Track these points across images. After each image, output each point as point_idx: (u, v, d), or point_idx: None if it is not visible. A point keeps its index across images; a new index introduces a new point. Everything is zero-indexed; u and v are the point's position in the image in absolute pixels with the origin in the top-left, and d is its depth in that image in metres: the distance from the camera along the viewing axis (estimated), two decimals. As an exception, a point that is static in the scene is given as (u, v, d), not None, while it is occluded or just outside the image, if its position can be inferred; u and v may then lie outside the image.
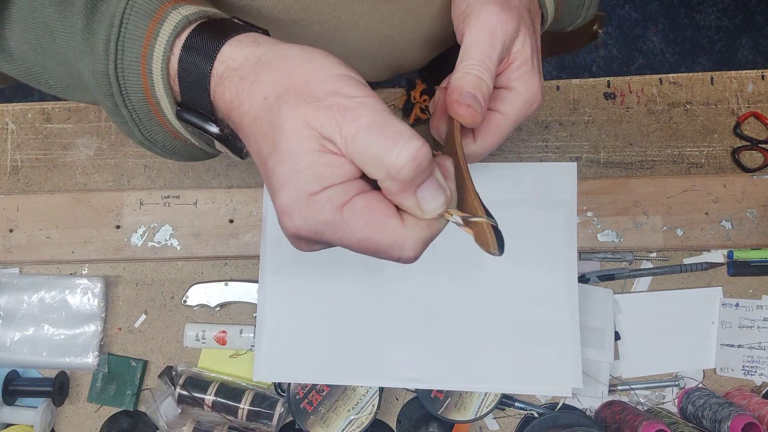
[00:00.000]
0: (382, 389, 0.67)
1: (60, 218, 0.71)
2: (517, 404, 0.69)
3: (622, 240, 0.69)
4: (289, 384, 0.67)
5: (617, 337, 0.70)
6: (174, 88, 0.37)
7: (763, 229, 0.69)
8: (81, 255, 0.71)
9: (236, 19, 0.38)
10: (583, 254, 0.71)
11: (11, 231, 0.71)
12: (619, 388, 0.70)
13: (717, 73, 0.73)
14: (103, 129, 0.75)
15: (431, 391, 0.67)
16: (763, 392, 0.68)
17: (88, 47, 0.37)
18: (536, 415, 0.69)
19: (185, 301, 0.71)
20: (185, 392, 0.68)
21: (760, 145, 0.71)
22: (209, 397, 0.67)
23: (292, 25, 0.54)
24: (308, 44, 0.58)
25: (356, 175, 0.32)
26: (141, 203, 0.71)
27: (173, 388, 0.68)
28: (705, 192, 0.69)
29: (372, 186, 0.33)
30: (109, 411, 0.71)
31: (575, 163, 0.68)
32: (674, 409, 0.69)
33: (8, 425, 0.70)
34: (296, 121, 0.31)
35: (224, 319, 0.72)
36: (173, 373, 0.70)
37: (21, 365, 0.72)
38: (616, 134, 0.72)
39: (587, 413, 0.69)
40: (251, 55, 0.34)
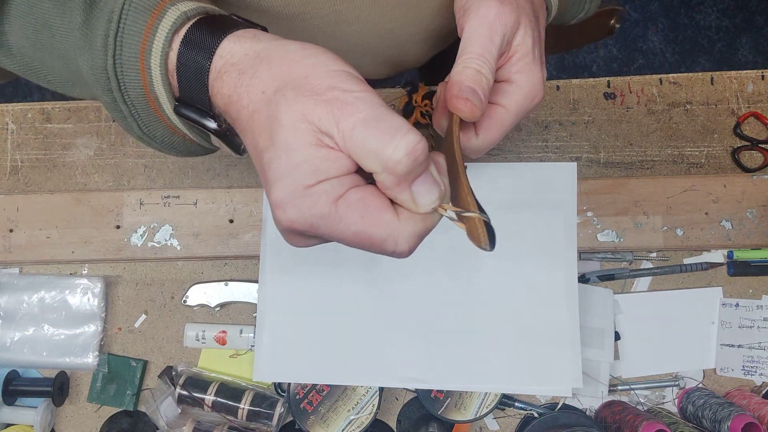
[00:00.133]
0: (382, 389, 0.67)
1: (60, 218, 0.71)
2: (517, 404, 0.69)
3: (622, 240, 0.69)
4: (289, 384, 0.67)
5: (617, 337, 0.70)
6: (172, 83, 0.37)
7: (763, 229, 0.69)
8: (81, 255, 0.71)
9: (235, 16, 0.38)
10: (583, 254, 0.71)
11: (11, 231, 0.71)
12: (619, 388, 0.70)
13: (717, 73, 0.73)
14: (103, 129, 0.75)
15: (431, 391, 0.67)
16: (763, 392, 0.68)
17: (87, 42, 0.37)
18: (536, 415, 0.69)
19: (185, 301, 0.71)
20: (185, 392, 0.68)
21: (760, 145, 0.71)
22: (209, 397, 0.67)
23: (293, 18, 0.54)
24: (309, 38, 0.58)
25: (352, 169, 0.32)
26: (141, 203, 0.71)
27: (173, 388, 0.68)
28: (705, 192, 0.69)
29: (367, 180, 0.33)
30: (109, 411, 0.71)
31: (575, 163, 0.68)
32: (674, 409, 0.69)
33: (8, 425, 0.70)
34: (294, 115, 0.31)
35: (224, 319, 0.72)
36: (173, 373, 0.70)
37: (21, 365, 0.72)
38: (616, 134, 0.72)
39: (587, 413, 0.69)
40: (250, 50, 0.34)
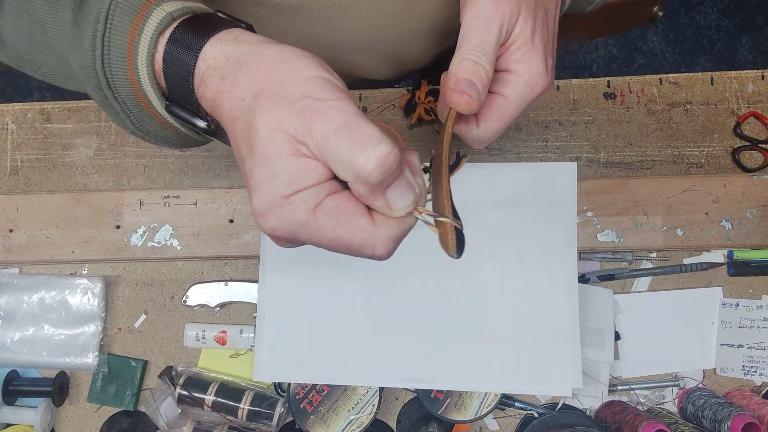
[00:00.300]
0: (382, 389, 0.67)
1: (60, 218, 0.71)
2: (517, 404, 0.69)
3: (622, 240, 0.69)
4: (289, 384, 0.67)
5: (617, 337, 0.70)
6: (160, 83, 0.37)
7: (763, 229, 0.69)
8: (81, 255, 0.71)
9: (220, 13, 0.38)
10: (583, 254, 0.71)
11: (11, 231, 0.71)
12: (619, 388, 0.70)
13: (717, 73, 0.73)
14: (103, 129, 0.75)
15: (431, 391, 0.67)
16: (763, 392, 0.68)
17: (77, 41, 0.37)
18: (536, 415, 0.69)
19: (185, 301, 0.71)
20: (185, 392, 0.68)
21: (760, 145, 0.71)
22: (209, 397, 0.67)
23: (293, 11, 0.54)
24: (309, 32, 0.58)
25: (329, 176, 0.32)
26: (141, 203, 0.71)
27: (173, 388, 0.68)
28: (705, 192, 0.69)
29: (344, 185, 0.33)
30: (109, 411, 0.71)
31: (575, 163, 0.68)
32: (674, 409, 0.69)
33: (8, 425, 0.70)
34: (270, 125, 0.32)
35: (224, 319, 0.72)
36: (173, 373, 0.70)
37: (21, 365, 0.72)
38: (616, 134, 0.72)
39: (587, 413, 0.69)
40: (231, 54, 0.34)
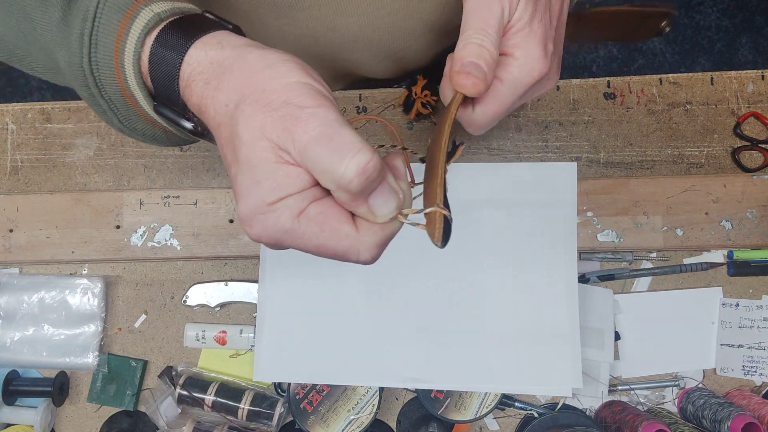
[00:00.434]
0: (382, 389, 0.67)
1: (60, 218, 0.71)
2: (517, 404, 0.69)
3: (622, 240, 0.69)
4: (289, 384, 0.67)
5: (617, 337, 0.70)
6: (147, 83, 0.37)
7: (763, 229, 0.69)
8: (81, 255, 0.71)
9: (208, 14, 0.38)
10: (583, 254, 0.71)
11: (11, 231, 0.71)
12: (619, 388, 0.70)
13: (717, 73, 0.73)
14: (103, 129, 0.75)
15: (431, 391, 0.67)
16: (763, 392, 0.68)
17: (64, 39, 0.37)
18: (536, 415, 0.69)
19: (185, 301, 0.71)
20: (185, 392, 0.68)
21: (760, 145, 0.71)
22: (209, 397, 0.67)
23: (290, 8, 0.54)
24: (308, 30, 0.58)
25: (313, 183, 0.32)
26: (141, 203, 0.71)
27: (173, 388, 0.68)
28: (705, 192, 0.69)
29: (328, 191, 0.33)
30: (109, 411, 0.71)
31: (575, 163, 0.68)
32: (674, 409, 0.69)
33: (8, 425, 0.70)
34: (253, 132, 0.31)
35: (224, 319, 0.72)
36: (173, 373, 0.70)
37: (21, 365, 0.72)
38: (616, 134, 0.72)
39: (587, 413, 0.69)
40: (214, 59, 0.34)
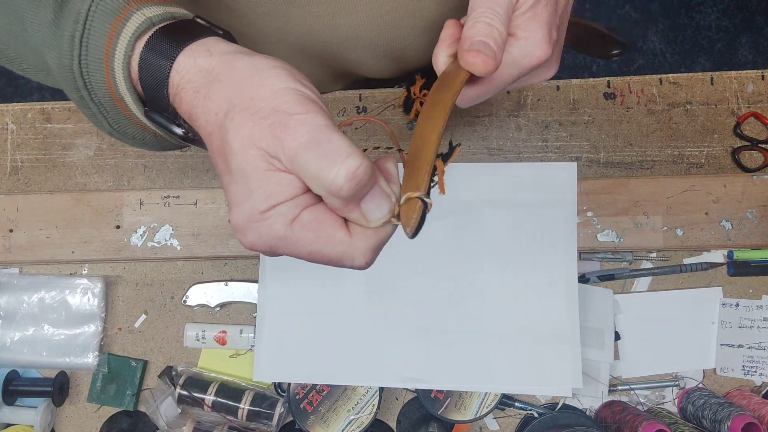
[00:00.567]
0: (382, 389, 0.67)
1: (60, 218, 0.71)
2: (517, 404, 0.69)
3: (622, 240, 0.69)
4: (289, 384, 0.67)
5: (617, 337, 0.70)
6: (137, 88, 0.37)
7: (763, 229, 0.69)
8: (81, 255, 0.71)
9: (199, 19, 0.38)
10: (583, 254, 0.71)
11: (11, 231, 0.71)
12: (619, 388, 0.70)
13: (717, 73, 0.73)
14: (103, 129, 0.75)
15: (431, 391, 0.67)
16: (763, 392, 0.68)
17: (55, 41, 0.37)
18: (536, 415, 0.69)
19: (185, 301, 0.71)
20: (185, 392, 0.68)
21: (760, 145, 0.71)
22: (209, 397, 0.67)
23: (289, 5, 0.54)
24: (307, 28, 0.58)
25: (305, 189, 0.32)
26: (141, 203, 0.71)
27: (173, 388, 0.68)
28: (705, 192, 0.69)
29: (320, 198, 0.33)
30: (109, 411, 0.71)
31: (575, 163, 0.68)
32: (674, 409, 0.69)
33: (8, 425, 0.70)
34: (243, 141, 0.31)
35: (224, 319, 0.72)
36: (173, 373, 0.70)
37: (21, 365, 0.72)
38: (616, 134, 0.72)
39: (587, 413, 0.69)
40: (203, 66, 0.34)
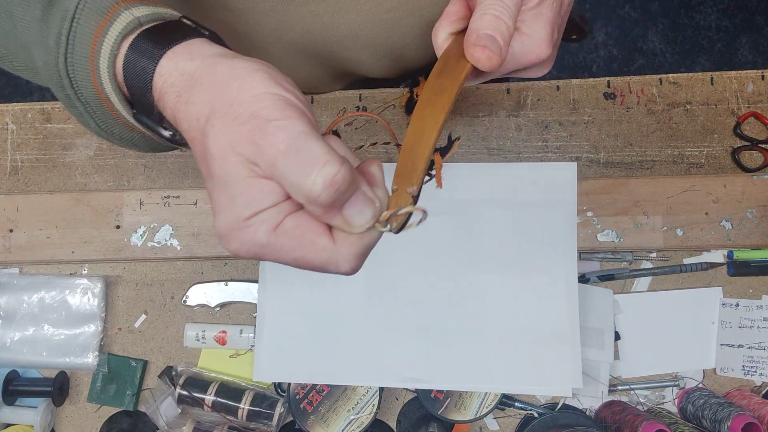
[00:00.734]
0: (382, 389, 0.67)
1: (60, 218, 0.71)
2: (517, 404, 0.69)
3: (622, 240, 0.69)
4: (289, 384, 0.67)
5: (617, 337, 0.70)
6: (123, 89, 0.36)
7: (763, 229, 0.69)
8: (81, 255, 0.71)
9: (186, 20, 0.37)
10: (583, 254, 0.71)
11: (11, 231, 0.71)
12: (619, 388, 0.70)
13: (717, 73, 0.73)
14: (103, 129, 0.75)
15: (431, 391, 0.67)
16: (763, 392, 0.68)
17: (42, 38, 0.36)
18: (536, 415, 0.69)
19: (185, 301, 0.71)
20: (185, 392, 0.68)
21: (760, 145, 0.71)
22: (209, 397, 0.67)
23: (287, 4, 0.54)
24: (306, 27, 0.58)
25: (287, 195, 0.32)
26: (141, 203, 0.71)
27: (173, 388, 0.68)
28: (705, 192, 0.69)
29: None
30: (109, 411, 0.71)
31: (575, 163, 0.68)
32: (674, 409, 0.69)
33: (8, 425, 0.70)
34: (223, 148, 0.31)
35: (224, 319, 0.72)
36: (173, 373, 0.70)
37: (21, 365, 0.72)
38: (616, 134, 0.72)
39: (587, 413, 0.69)
40: (185, 70, 0.34)
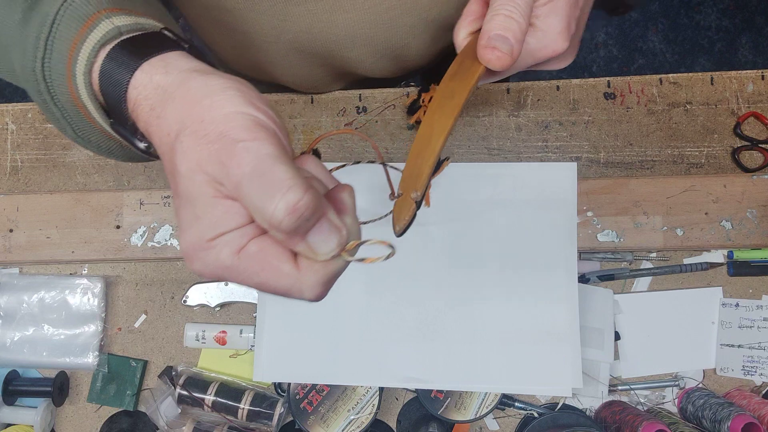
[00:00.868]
0: (382, 389, 0.67)
1: (60, 218, 0.71)
2: (517, 404, 0.69)
3: (622, 240, 0.69)
4: (289, 384, 0.67)
5: (617, 337, 0.70)
6: (99, 98, 0.36)
7: (763, 229, 0.69)
8: (81, 255, 0.71)
9: (167, 31, 0.37)
10: (583, 254, 0.71)
11: (11, 231, 0.71)
12: (619, 388, 0.70)
13: (717, 73, 0.73)
14: (103, 129, 0.75)
15: (431, 391, 0.67)
16: (763, 392, 0.68)
17: (21, 41, 0.36)
18: (536, 415, 0.69)
19: (185, 301, 0.71)
20: (185, 392, 0.68)
21: (760, 145, 0.71)
22: (209, 397, 0.67)
23: (287, 3, 0.54)
24: (306, 27, 0.58)
25: (252, 218, 0.31)
26: (141, 203, 0.71)
27: (173, 388, 0.68)
28: (705, 192, 0.69)
29: None
30: (109, 411, 0.71)
31: (575, 163, 0.68)
32: (674, 409, 0.69)
33: (8, 425, 0.70)
34: (190, 165, 0.30)
35: (224, 319, 0.72)
36: (173, 373, 0.70)
37: (21, 365, 0.72)
38: (616, 134, 0.72)
39: (587, 413, 0.69)
40: (159, 84, 0.33)
